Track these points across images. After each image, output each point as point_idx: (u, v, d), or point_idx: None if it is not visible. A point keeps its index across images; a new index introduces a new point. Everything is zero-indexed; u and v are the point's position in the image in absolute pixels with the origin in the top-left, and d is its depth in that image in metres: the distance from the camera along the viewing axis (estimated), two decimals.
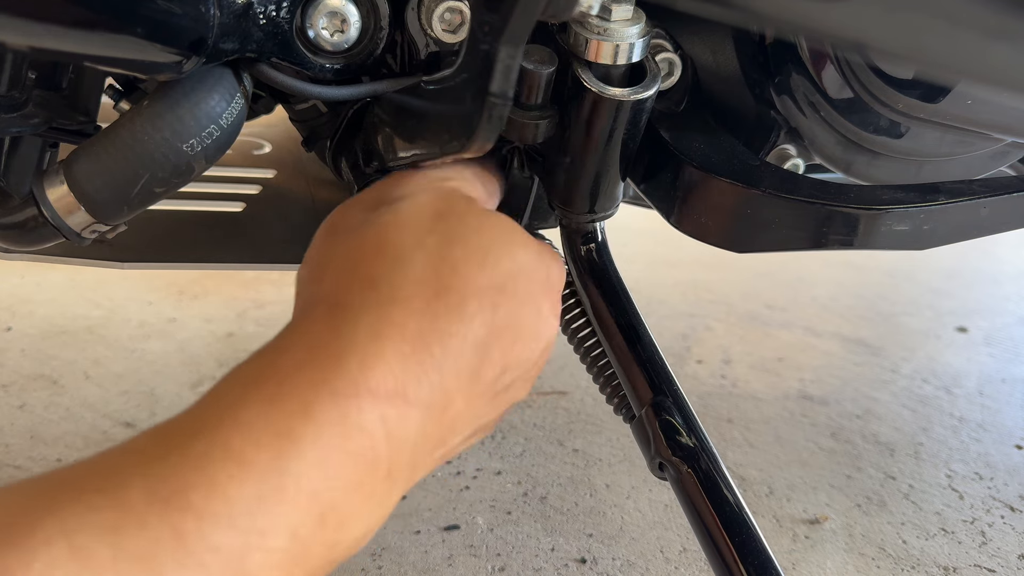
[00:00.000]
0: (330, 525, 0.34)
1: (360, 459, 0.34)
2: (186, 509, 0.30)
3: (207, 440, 0.32)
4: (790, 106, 0.60)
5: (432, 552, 0.93)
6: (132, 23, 0.43)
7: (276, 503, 0.32)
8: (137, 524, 0.29)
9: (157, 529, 0.30)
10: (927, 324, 1.59)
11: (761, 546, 0.54)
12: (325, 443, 0.33)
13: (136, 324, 1.37)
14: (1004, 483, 1.13)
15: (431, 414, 0.38)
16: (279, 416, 0.33)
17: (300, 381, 0.35)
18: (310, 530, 0.33)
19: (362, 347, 0.36)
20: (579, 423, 1.20)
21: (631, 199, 0.78)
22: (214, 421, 0.33)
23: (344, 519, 0.34)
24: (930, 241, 0.57)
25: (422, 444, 0.38)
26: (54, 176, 0.51)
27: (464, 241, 0.42)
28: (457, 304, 0.39)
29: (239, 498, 0.31)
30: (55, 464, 1.03)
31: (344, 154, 0.64)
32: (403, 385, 0.36)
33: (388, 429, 0.36)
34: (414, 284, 0.39)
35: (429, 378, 0.37)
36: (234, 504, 0.31)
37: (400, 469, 0.37)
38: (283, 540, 0.32)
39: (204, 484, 0.31)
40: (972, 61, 0.42)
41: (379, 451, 0.35)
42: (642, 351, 0.60)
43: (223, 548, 0.30)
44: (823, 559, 0.97)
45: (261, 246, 0.85)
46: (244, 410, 0.33)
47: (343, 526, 0.34)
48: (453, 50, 0.55)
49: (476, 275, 0.41)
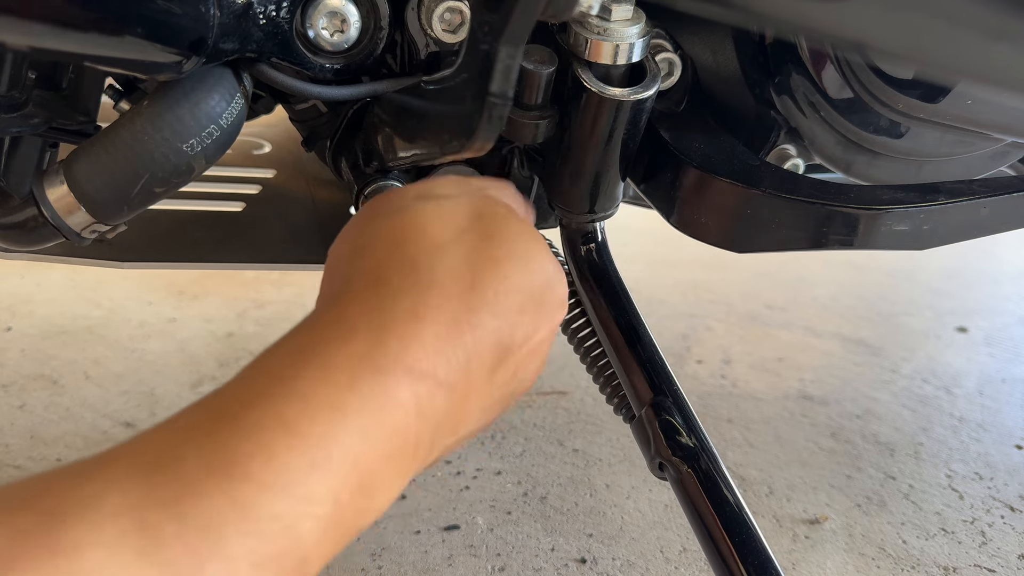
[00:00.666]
0: (365, 493, 0.35)
1: (395, 431, 0.36)
2: (245, 479, 0.31)
3: (261, 410, 0.33)
4: (790, 106, 0.60)
5: (432, 552, 0.93)
6: (132, 23, 0.43)
7: (325, 471, 0.33)
8: (198, 496, 0.30)
9: (218, 500, 0.30)
10: (927, 324, 1.59)
11: (761, 546, 0.54)
12: (368, 415, 0.35)
13: (136, 324, 1.37)
14: (1004, 483, 1.13)
15: (453, 397, 0.39)
16: (329, 388, 0.35)
17: (346, 355, 0.36)
18: (349, 497, 0.34)
19: (402, 325, 0.38)
20: (579, 423, 1.20)
21: (631, 199, 0.78)
22: (266, 392, 0.34)
23: (376, 488, 0.36)
24: (930, 241, 0.57)
25: (444, 425, 0.39)
26: (54, 176, 0.51)
27: (502, 243, 0.43)
28: (491, 299, 0.41)
29: (294, 467, 0.32)
30: (55, 464, 1.03)
31: (344, 154, 0.64)
32: (435, 365, 0.38)
33: (419, 406, 0.37)
34: (452, 273, 0.41)
35: (458, 361, 0.39)
36: (290, 473, 0.32)
37: (423, 446, 0.38)
38: (328, 506, 0.33)
39: (262, 453, 0.32)
40: (972, 61, 0.42)
41: (411, 425, 0.37)
42: (642, 351, 0.60)
43: (281, 516, 0.31)
44: (823, 559, 0.97)
45: (261, 246, 0.85)
46: (296, 381, 0.34)
47: (375, 494, 0.36)
48: (453, 50, 0.55)
49: (512, 275, 0.42)
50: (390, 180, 0.61)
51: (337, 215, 0.89)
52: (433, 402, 0.38)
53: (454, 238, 0.42)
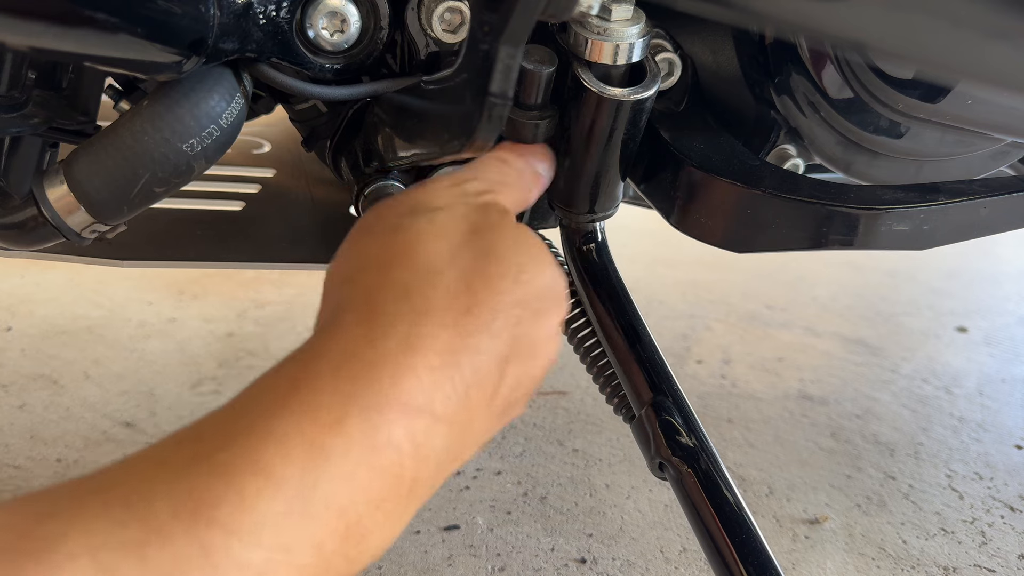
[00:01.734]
0: (352, 540, 0.33)
1: (387, 474, 0.34)
2: (213, 524, 0.30)
3: (236, 451, 0.32)
4: (790, 106, 0.60)
5: (432, 552, 0.93)
6: (132, 23, 0.43)
7: (303, 519, 0.31)
8: (163, 539, 0.29)
9: (184, 545, 0.29)
10: (927, 324, 1.59)
11: (761, 546, 0.54)
12: (354, 458, 0.33)
13: (136, 324, 1.37)
14: (1004, 483, 1.13)
15: (454, 430, 0.37)
16: (311, 428, 0.33)
17: (334, 392, 0.34)
18: (334, 546, 0.32)
19: (394, 359, 0.36)
20: (579, 423, 1.20)
21: (631, 199, 0.78)
22: (244, 430, 0.33)
23: (366, 534, 0.34)
24: (930, 241, 0.57)
25: (445, 460, 0.38)
26: (54, 176, 0.51)
27: (497, 258, 0.41)
28: (487, 321, 0.39)
29: (267, 513, 0.31)
30: (55, 464, 1.03)
31: (344, 154, 0.64)
32: (431, 400, 0.36)
33: (415, 445, 0.35)
34: (446, 298, 0.39)
35: (457, 394, 0.37)
36: (262, 519, 0.30)
37: (422, 485, 0.37)
38: (308, 556, 0.32)
39: (232, 498, 0.30)
40: (972, 61, 0.42)
41: (405, 466, 0.35)
42: (642, 351, 0.60)
43: (250, 564, 0.30)
44: (823, 559, 0.97)
45: (260, 245, 0.85)
46: (277, 420, 0.33)
47: (364, 540, 0.34)
48: (453, 50, 0.55)
49: (507, 291, 0.41)
50: (390, 180, 0.61)
51: (337, 215, 0.89)
52: (431, 439, 0.36)
53: (448, 258, 0.41)
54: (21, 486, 0.99)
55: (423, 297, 0.39)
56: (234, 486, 0.31)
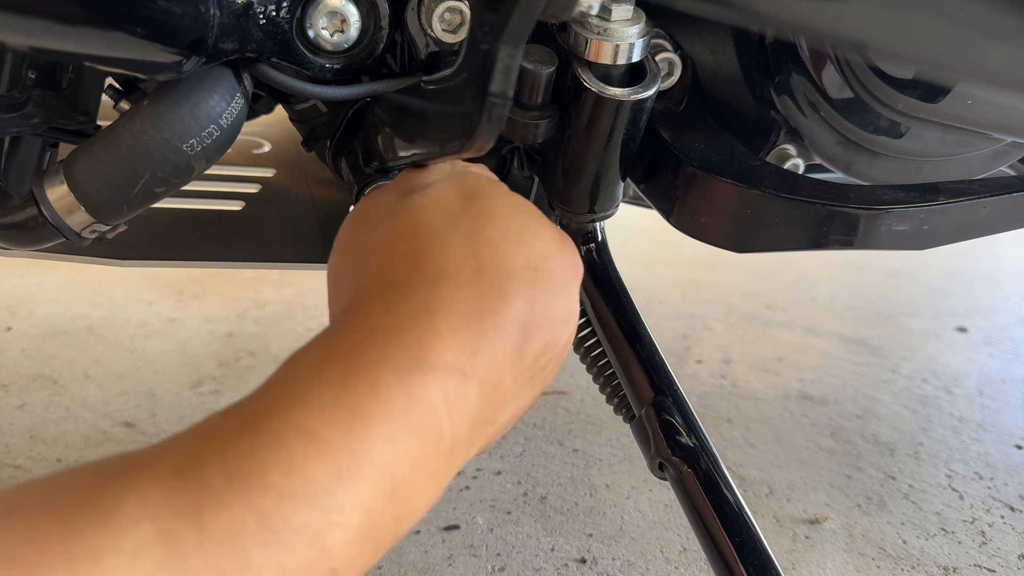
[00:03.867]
0: (399, 499, 0.34)
1: (425, 433, 0.35)
2: (266, 489, 0.30)
3: (280, 421, 0.32)
4: (790, 106, 0.60)
5: (432, 552, 0.93)
6: (132, 23, 0.43)
7: (352, 480, 0.32)
8: (219, 505, 0.30)
9: (239, 510, 0.30)
10: (927, 324, 1.59)
11: (761, 546, 0.54)
12: (393, 419, 0.34)
13: (136, 324, 1.37)
14: (1004, 483, 1.13)
15: (485, 388, 0.38)
16: (348, 396, 0.34)
17: (365, 360, 0.35)
18: (382, 505, 0.33)
19: (418, 323, 0.37)
20: (579, 423, 1.20)
21: (631, 199, 0.78)
22: (284, 403, 0.33)
23: (411, 493, 0.35)
24: (930, 241, 0.57)
25: (479, 418, 0.39)
26: (54, 176, 0.51)
27: (497, 221, 0.42)
28: (500, 281, 0.40)
29: (317, 477, 0.31)
30: (55, 464, 1.03)
31: (344, 154, 0.64)
32: (460, 359, 0.37)
33: (449, 403, 0.36)
34: (455, 261, 0.40)
35: (483, 352, 0.38)
36: (313, 483, 0.31)
37: (459, 443, 0.37)
38: (359, 516, 0.32)
39: (282, 463, 0.31)
40: (972, 61, 0.42)
41: (442, 425, 0.36)
42: (642, 351, 0.61)
43: (305, 527, 0.30)
44: (823, 559, 0.97)
45: (260, 245, 0.85)
46: (314, 391, 0.34)
47: (410, 500, 0.35)
48: (453, 50, 0.55)
49: (512, 253, 0.42)
50: (390, 180, 0.61)
51: (337, 215, 0.89)
52: (464, 397, 0.37)
53: (449, 224, 0.42)
54: None
55: (434, 263, 0.40)
56: (283, 452, 0.31)
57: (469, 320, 0.38)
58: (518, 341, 0.40)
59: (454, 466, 0.38)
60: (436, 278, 0.39)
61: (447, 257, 0.40)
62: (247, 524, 0.30)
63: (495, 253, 0.41)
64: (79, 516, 0.28)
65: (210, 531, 0.29)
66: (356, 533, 0.32)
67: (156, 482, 0.30)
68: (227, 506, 0.30)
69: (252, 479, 0.30)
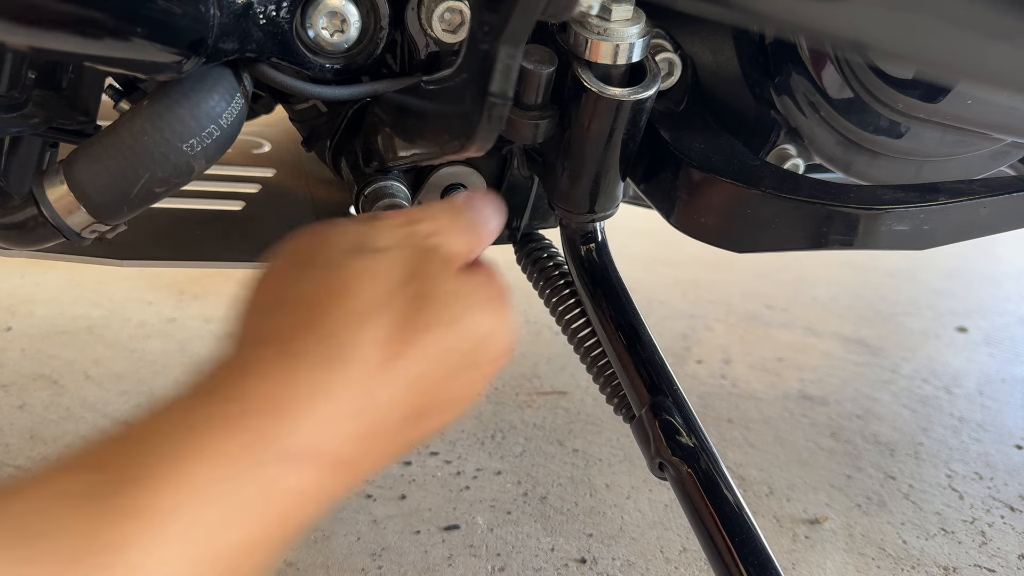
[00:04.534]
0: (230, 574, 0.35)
1: (273, 520, 0.35)
2: (111, 568, 0.31)
3: (130, 495, 0.32)
4: (790, 106, 0.60)
5: (432, 552, 0.93)
6: (132, 23, 0.43)
7: (188, 563, 0.32)
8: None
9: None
10: (927, 324, 1.59)
11: (761, 546, 0.54)
12: (245, 507, 0.34)
13: (136, 324, 1.37)
14: (1004, 483, 1.13)
15: (346, 471, 0.38)
16: (206, 473, 0.34)
17: (232, 440, 0.35)
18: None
19: (304, 405, 0.37)
20: (579, 423, 1.20)
21: (631, 199, 0.78)
22: (145, 473, 0.33)
23: (241, 568, 0.35)
24: (930, 241, 0.57)
25: (332, 497, 0.39)
26: (54, 176, 0.51)
27: (431, 305, 0.41)
28: (407, 373, 0.39)
29: (154, 558, 0.32)
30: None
31: (344, 154, 0.64)
32: (330, 448, 0.37)
33: (304, 492, 0.36)
34: (371, 345, 0.39)
35: (355, 441, 0.38)
36: (150, 565, 0.31)
37: (302, 521, 0.37)
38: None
39: (130, 542, 0.31)
40: (972, 61, 0.42)
41: (290, 512, 0.36)
42: (642, 351, 0.60)
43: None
44: (823, 559, 0.97)
45: (260, 245, 0.84)
46: (180, 463, 0.34)
47: (239, 573, 0.35)
48: (453, 50, 0.55)
49: (438, 341, 0.41)
50: (390, 180, 0.61)
51: (337, 214, 0.89)
52: (322, 485, 0.37)
53: (380, 304, 0.40)
54: None
55: (349, 344, 0.38)
56: (129, 531, 0.31)
57: (355, 411, 0.37)
58: (396, 431, 0.40)
59: (290, 539, 0.38)
60: (344, 362, 0.38)
61: (365, 340, 0.39)
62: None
63: (416, 340, 0.40)
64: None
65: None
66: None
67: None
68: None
69: (99, 554, 0.31)
